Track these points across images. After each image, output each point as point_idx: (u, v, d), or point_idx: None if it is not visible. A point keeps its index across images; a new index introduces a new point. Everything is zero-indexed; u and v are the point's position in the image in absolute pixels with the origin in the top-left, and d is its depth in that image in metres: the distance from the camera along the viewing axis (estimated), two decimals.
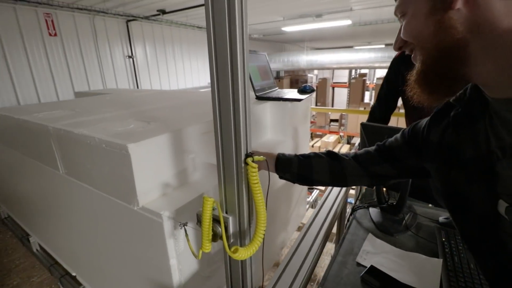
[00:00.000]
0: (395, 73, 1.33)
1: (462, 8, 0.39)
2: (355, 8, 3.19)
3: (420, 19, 0.44)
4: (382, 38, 5.97)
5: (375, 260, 0.82)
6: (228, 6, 0.47)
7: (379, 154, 0.72)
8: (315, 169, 0.77)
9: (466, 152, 0.48)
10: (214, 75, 0.53)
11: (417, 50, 0.47)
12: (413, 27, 0.46)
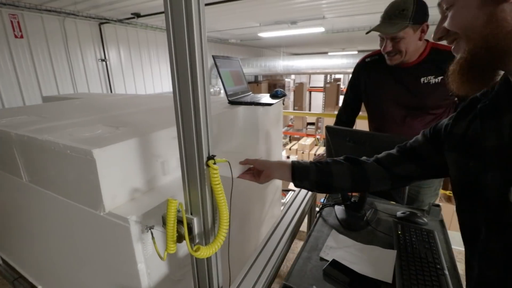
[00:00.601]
0: (358, 78, 1.42)
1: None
2: (327, 16, 3.33)
3: (471, 10, 0.45)
4: (355, 44, 6.26)
5: (337, 254, 0.88)
6: (186, 13, 0.49)
7: (402, 155, 0.75)
8: (335, 176, 0.77)
9: (488, 141, 0.49)
10: (175, 80, 0.55)
11: (462, 40, 0.48)
12: (463, 18, 0.46)
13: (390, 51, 1.16)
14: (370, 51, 1.42)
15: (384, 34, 1.14)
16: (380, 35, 1.17)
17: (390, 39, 1.14)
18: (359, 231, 1.00)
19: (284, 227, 1.06)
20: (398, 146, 0.76)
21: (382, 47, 1.19)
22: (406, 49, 1.14)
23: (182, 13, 0.50)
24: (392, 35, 1.12)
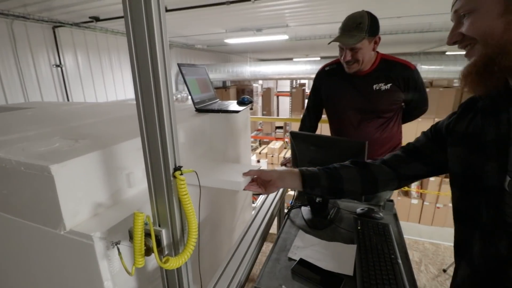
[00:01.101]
0: (319, 85, 1.52)
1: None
2: (290, 24, 3.48)
3: (491, 18, 0.48)
4: (318, 51, 6.59)
5: (304, 253, 0.93)
6: (146, 17, 0.49)
7: (408, 155, 0.78)
8: (346, 180, 0.78)
9: (488, 135, 0.55)
10: (137, 89, 0.55)
11: (479, 45, 0.52)
12: (483, 25, 0.49)
13: (349, 60, 1.27)
14: (332, 57, 1.53)
15: (345, 45, 1.25)
16: (340, 45, 1.28)
17: (349, 50, 1.25)
18: (324, 230, 1.07)
19: (254, 231, 1.09)
20: (403, 147, 0.80)
21: (341, 57, 1.29)
22: (362, 58, 1.26)
23: (142, 17, 0.50)
24: (352, 46, 1.23)
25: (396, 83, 1.29)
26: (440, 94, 4.06)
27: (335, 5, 2.71)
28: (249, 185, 0.84)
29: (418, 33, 3.79)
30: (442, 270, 1.89)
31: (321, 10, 2.88)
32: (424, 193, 4.42)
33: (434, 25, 3.53)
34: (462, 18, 0.54)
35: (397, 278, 0.78)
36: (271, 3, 2.56)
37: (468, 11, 0.52)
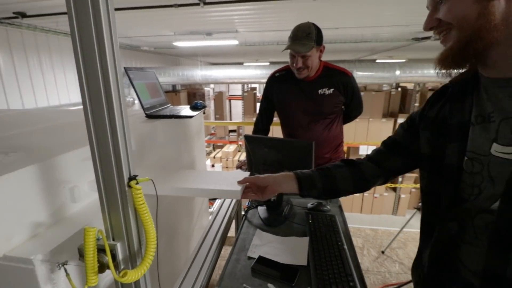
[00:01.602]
0: (270, 90, 1.60)
1: (503, 1, 0.47)
2: (240, 30, 3.55)
3: (467, 4, 0.50)
4: (267, 56, 6.85)
5: (263, 251, 0.98)
6: (94, 17, 0.47)
7: (388, 149, 0.80)
8: (339, 179, 0.80)
9: (453, 119, 0.60)
10: (85, 95, 0.52)
11: (454, 31, 0.54)
12: (459, 10, 0.51)
13: (301, 67, 1.38)
14: (280, 62, 1.63)
15: (297, 52, 1.35)
16: (292, 53, 1.38)
17: (301, 57, 1.36)
18: (280, 226, 1.14)
19: (213, 236, 1.10)
20: (383, 142, 0.82)
21: (293, 63, 1.40)
22: (311, 65, 1.39)
23: (89, 14, 0.47)
24: (303, 54, 1.34)
25: (337, 88, 1.44)
26: (373, 97, 4.60)
27: (281, 14, 2.86)
28: (245, 193, 0.83)
29: (353, 43, 4.23)
30: (381, 252, 2.15)
31: (268, 18, 3.02)
32: None
33: (366, 36, 3.99)
34: (438, 4, 0.55)
35: (344, 263, 0.88)
36: (220, 8, 2.59)
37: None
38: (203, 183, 0.87)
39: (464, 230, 0.59)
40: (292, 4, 2.32)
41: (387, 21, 3.13)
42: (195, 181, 0.87)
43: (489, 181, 0.53)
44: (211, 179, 0.89)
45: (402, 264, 2.03)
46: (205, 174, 0.98)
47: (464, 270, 0.61)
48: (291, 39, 1.37)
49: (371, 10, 2.67)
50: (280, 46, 4.52)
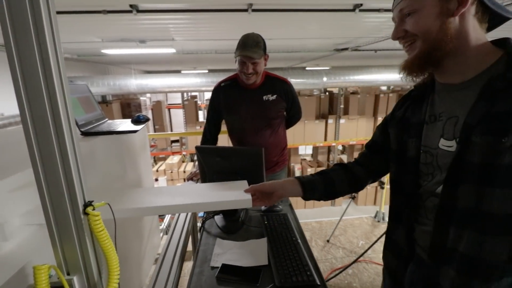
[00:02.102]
0: (217, 100, 1.64)
1: (457, 18, 0.58)
2: (176, 38, 3.48)
3: (431, 19, 0.59)
4: (205, 64, 6.82)
5: (225, 258, 1.00)
6: (33, 21, 0.43)
7: (370, 151, 0.88)
8: (337, 182, 0.87)
9: (414, 118, 0.71)
10: (25, 114, 0.47)
11: (419, 41, 0.61)
12: (424, 24, 0.59)
13: (251, 72, 1.47)
14: (218, 70, 1.67)
15: (250, 59, 1.44)
16: (243, 59, 1.45)
17: (251, 63, 1.45)
18: (238, 232, 1.18)
19: (172, 253, 1.07)
20: (366, 144, 0.91)
21: (243, 69, 1.47)
22: (260, 71, 1.50)
23: (28, 19, 0.43)
24: (255, 60, 1.44)
25: (280, 95, 1.57)
26: (306, 101, 5.06)
27: (216, 25, 2.93)
28: (252, 201, 0.86)
29: (285, 53, 4.59)
30: (327, 241, 2.39)
31: (203, 28, 3.04)
32: None
33: (295, 47, 4.38)
34: (405, 17, 0.63)
35: (300, 255, 0.97)
36: (155, 16, 2.50)
37: (412, 11, 0.61)
38: (205, 197, 0.87)
39: (418, 212, 0.71)
40: (227, 15, 2.41)
41: (312, 34, 3.51)
42: (179, 197, 0.86)
43: (438, 170, 0.66)
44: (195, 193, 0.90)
45: (345, 248, 2.30)
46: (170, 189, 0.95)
47: (418, 248, 0.73)
48: (241, 46, 1.44)
49: (298, 24, 2.96)
50: (219, 54, 4.58)
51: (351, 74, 4.69)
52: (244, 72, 1.47)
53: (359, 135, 5.19)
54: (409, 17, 0.62)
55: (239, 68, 1.49)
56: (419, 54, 0.62)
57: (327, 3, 2.26)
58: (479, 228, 0.58)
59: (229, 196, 0.87)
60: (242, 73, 1.49)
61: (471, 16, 0.58)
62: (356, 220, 2.74)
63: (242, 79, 1.52)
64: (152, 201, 0.83)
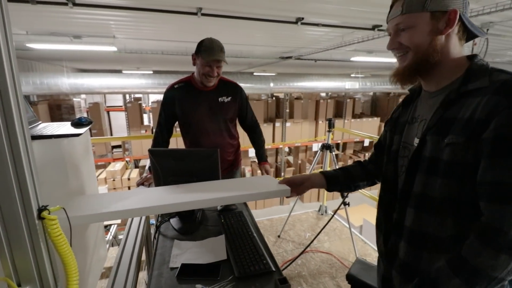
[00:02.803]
0: (171, 102, 1.61)
1: (444, 36, 0.66)
2: (118, 36, 3.25)
3: (423, 35, 0.67)
4: (150, 65, 6.47)
5: (184, 258, 1.02)
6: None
7: (376, 149, 0.98)
8: (356, 176, 0.98)
9: (401, 119, 0.82)
10: None
11: (411, 53, 0.70)
12: (416, 38, 0.68)
13: (215, 75, 1.52)
14: (165, 71, 1.63)
15: (218, 63, 1.50)
16: (209, 62, 1.49)
17: (216, 67, 1.50)
18: (196, 232, 1.20)
19: (126, 266, 1.03)
20: (374, 144, 0.99)
21: (210, 72, 1.50)
22: (220, 74, 1.56)
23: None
24: (220, 64, 1.51)
25: (233, 97, 1.63)
26: (254, 105, 5.25)
27: (162, 25, 2.85)
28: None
29: (234, 57, 4.69)
30: (278, 236, 2.54)
31: (148, 27, 2.92)
32: None
33: (244, 53, 4.52)
34: (400, 31, 0.70)
35: (256, 247, 1.05)
36: (93, 11, 2.31)
37: (407, 27, 0.69)
38: (237, 190, 0.94)
39: (396, 198, 0.79)
40: (175, 17, 2.38)
41: (259, 41, 3.69)
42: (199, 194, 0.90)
43: (407, 162, 0.76)
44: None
45: (294, 241, 2.48)
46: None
47: (394, 228, 0.83)
48: (209, 50, 1.47)
49: (246, 31, 3.09)
50: (165, 56, 4.43)
51: (295, 80, 5.05)
52: (210, 75, 1.51)
53: (303, 137, 5.60)
54: (404, 32, 0.70)
55: (202, 71, 1.51)
56: (409, 65, 0.71)
57: (272, 14, 2.43)
58: (424, 208, 0.70)
59: (267, 187, 0.98)
60: (205, 75, 1.52)
61: (454, 35, 0.68)
62: (303, 215, 2.97)
63: (203, 81, 1.55)
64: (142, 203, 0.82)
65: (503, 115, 0.56)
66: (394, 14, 0.71)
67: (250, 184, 1.07)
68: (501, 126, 0.56)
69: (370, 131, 5.96)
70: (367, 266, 1.54)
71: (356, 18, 2.55)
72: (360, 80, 5.42)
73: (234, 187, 1.02)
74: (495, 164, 0.57)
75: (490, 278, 0.56)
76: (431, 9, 0.65)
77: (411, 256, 0.74)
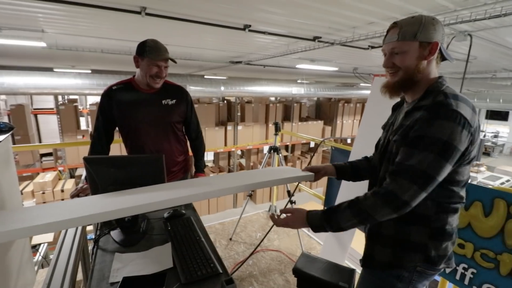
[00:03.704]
0: (109, 105, 1.51)
1: (426, 61, 0.86)
2: (48, 30, 2.90)
3: (412, 59, 0.86)
4: (88, 64, 5.86)
5: (126, 271, 0.97)
6: None
7: (376, 148, 1.10)
8: (361, 169, 1.15)
9: (390, 120, 1.04)
10: None
11: (401, 72, 0.88)
12: (408, 61, 0.86)
13: (163, 77, 1.50)
14: (104, 71, 1.53)
15: (166, 63, 1.47)
16: (157, 63, 1.45)
17: (164, 67, 1.47)
18: (140, 243, 1.15)
19: (59, 281, 0.94)
20: (376, 143, 1.12)
21: (158, 73, 1.46)
22: (166, 75, 1.53)
23: None
24: (167, 65, 1.49)
25: (178, 100, 1.60)
26: (206, 109, 5.20)
27: (102, 22, 2.64)
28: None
29: (183, 60, 4.58)
30: (229, 239, 2.56)
31: (83, 23, 2.68)
32: None
33: (194, 55, 4.45)
34: (394, 53, 0.89)
35: (203, 251, 1.06)
36: (15, 1, 2.03)
37: (401, 51, 0.87)
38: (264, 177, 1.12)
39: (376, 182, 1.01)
40: (116, 14, 2.24)
41: (209, 45, 3.68)
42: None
43: (393, 155, 0.93)
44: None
45: (246, 243, 2.53)
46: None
47: None
48: (155, 50, 1.42)
49: (195, 34, 3.06)
50: (106, 54, 4.09)
51: (245, 85, 5.17)
52: (159, 75, 1.47)
53: (255, 140, 5.74)
54: (397, 55, 0.88)
55: (150, 72, 1.45)
56: (398, 81, 0.90)
57: (221, 20, 2.46)
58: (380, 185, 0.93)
59: (291, 173, 1.18)
60: (153, 77, 1.46)
61: (433, 60, 0.88)
62: (254, 216, 3.05)
63: (150, 83, 1.48)
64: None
65: (420, 123, 0.81)
66: (391, 39, 0.89)
67: (276, 172, 1.22)
68: (417, 129, 0.81)
69: (315, 133, 6.41)
70: (312, 258, 1.67)
71: (299, 29, 2.75)
72: (305, 86, 5.81)
73: (263, 176, 1.16)
74: (403, 152, 0.83)
75: (371, 218, 0.83)
76: (420, 40, 0.84)
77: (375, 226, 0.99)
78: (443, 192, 0.85)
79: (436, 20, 0.86)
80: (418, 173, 0.78)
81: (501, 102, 5.48)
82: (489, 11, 1.91)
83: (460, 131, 0.76)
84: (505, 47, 3.15)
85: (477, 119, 0.85)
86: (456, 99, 0.81)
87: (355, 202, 0.87)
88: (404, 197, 0.79)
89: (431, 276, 0.94)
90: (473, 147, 0.83)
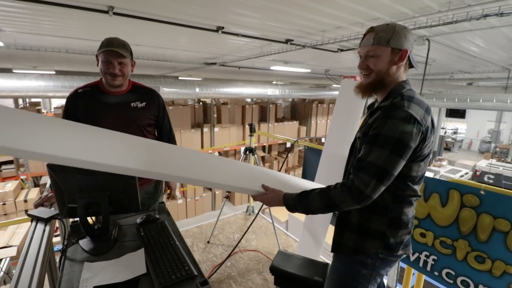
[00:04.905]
0: (74, 108, 1.44)
1: (396, 67, 0.94)
2: (5, 29, 2.69)
3: (384, 63, 0.93)
4: (51, 64, 5.49)
5: (97, 281, 0.94)
6: None
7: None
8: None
9: (364, 121, 1.03)
10: None
11: (373, 74, 0.95)
12: (379, 65, 0.93)
13: (119, 74, 1.41)
14: (72, 72, 1.46)
15: (117, 54, 1.37)
16: (109, 59, 1.37)
17: (118, 63, 1.39)
18: (111, 250, 1.11)
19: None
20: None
21: (110, 69, 1.38)
22: (127, 73, 1.46)
23: None
24: (122, 60, 1.39)
25: (148, 102, 1.56)
26: (181, 111, 5.11)
27: (63, 20, 2.52)
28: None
29: (156, 61, 4.46)
30: (207, 242, 2.54)
31: (46, 21, 2.53)
32: (185, 190, 5.34)
33: (167, 56, 4.35)
34: (369, 57, 0.95)
35: (178, 255, 1.05)
36: None
37: (375, 55, 0.94)
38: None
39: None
40: (81, 13, 2.14)
41: (183, 46, 3.63)
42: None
43: (358, 151, 0.99)
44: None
45: (224, 245, 2.52)
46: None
47: None
48: (108, 44, 1.36)
49: (168, 35, 3.00)
50: (71, 55, 3.87)
51: (221, 86, 5.15)
52: (111, 72, 1.39)
53: (232, 141, 5.74)
54: (372, 58, 0.95)
55: (103, 69, 1.39)
56: (370, 83, 0.97)
57: (193, 21, 2.44)
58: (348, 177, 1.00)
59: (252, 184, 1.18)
60: (107, 74, 1.40)
61: (402, 66, 0.96)
62: (232, 217, 3.05)
63: (107, 81, 1.43)
64: None
65: (377, 122, 0.89)
66: (367, 43, 0.95)
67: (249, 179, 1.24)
68: (374, 128, 0.90)
69: (291, 133, 6.54)
70: (288, 256, 1.72)
71: (272, 32, 2.80)
72: (280, 87, 5.92)
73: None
74: (364, 148, 0.91)
75: (337, 206, 0.94)
76: (393, 46, 0.92)
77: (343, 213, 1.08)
78: (398, 185, 0.94)
79: (407, 30, 0.94)
80: (376, 169, 0.86)
81: (456, 101, 5.98)
82: (443, 18, 2.09)
83: (411, 129, 0.85)
84: (460, 51, 3.44)
85: (430, 119, 0.94)
86: (410, 100, 0.89)
87: (325, 190, 0.97)
88: (366, 191, 0.87)
89: (393, 263, 1.03)
90: (425, 145, 0.92)
